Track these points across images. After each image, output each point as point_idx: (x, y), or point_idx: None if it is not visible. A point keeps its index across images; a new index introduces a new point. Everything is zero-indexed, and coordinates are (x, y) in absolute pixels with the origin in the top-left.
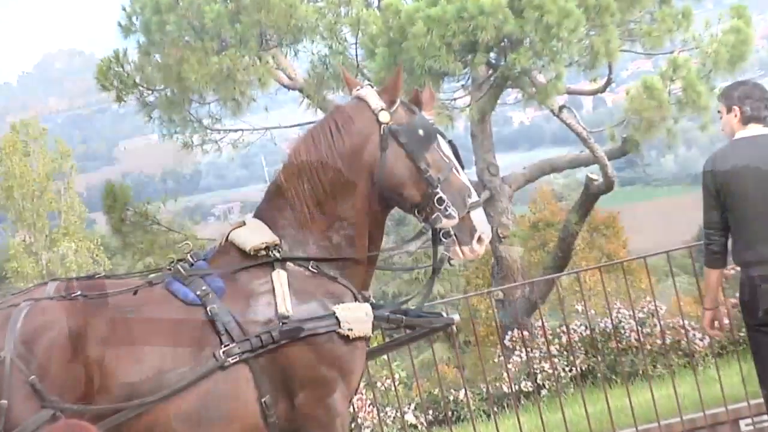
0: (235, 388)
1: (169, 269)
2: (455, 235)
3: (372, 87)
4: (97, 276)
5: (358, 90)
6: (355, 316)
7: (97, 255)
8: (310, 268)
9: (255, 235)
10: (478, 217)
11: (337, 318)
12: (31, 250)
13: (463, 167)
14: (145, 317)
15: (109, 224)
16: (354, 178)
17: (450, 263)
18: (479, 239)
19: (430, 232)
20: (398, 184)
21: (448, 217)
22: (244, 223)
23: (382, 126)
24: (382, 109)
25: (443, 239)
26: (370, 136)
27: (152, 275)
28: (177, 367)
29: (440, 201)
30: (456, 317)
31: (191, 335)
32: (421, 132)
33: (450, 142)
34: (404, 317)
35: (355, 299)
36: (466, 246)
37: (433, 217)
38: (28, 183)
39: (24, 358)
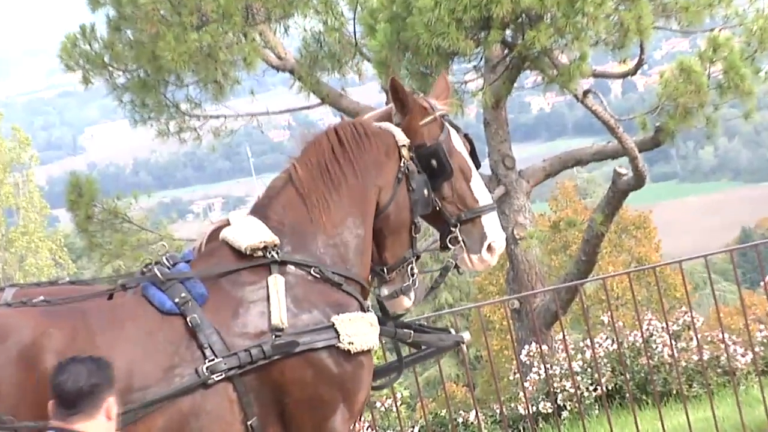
0: (215, 410)
1: (144, 272)
2: (463, 242)
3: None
4: (60, 282)
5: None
6: (357, 328)
7: (60, 257)
8: (312, 272)
9: (252, 233)
10: (490, 222)
11: (336, 330)
12: None
13: (479, 165)
14: (112, 327)
15: (74, 222)
16: (369, 193)
17: (458, 271)
18: (489, 248)
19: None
20: (397, 227)
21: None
22: (228, 222)
23: (403, 161)
24: (404, 145)
25: (450, 245)
26: (390, 159)
27: (124, 280)
28: (147, 386)
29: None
30: (466, 335)
31: (165, 350)
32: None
33: (466, 136)
34: (412, 334)
35: (362, 308)
36: (475, 255)
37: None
38: None
39: None
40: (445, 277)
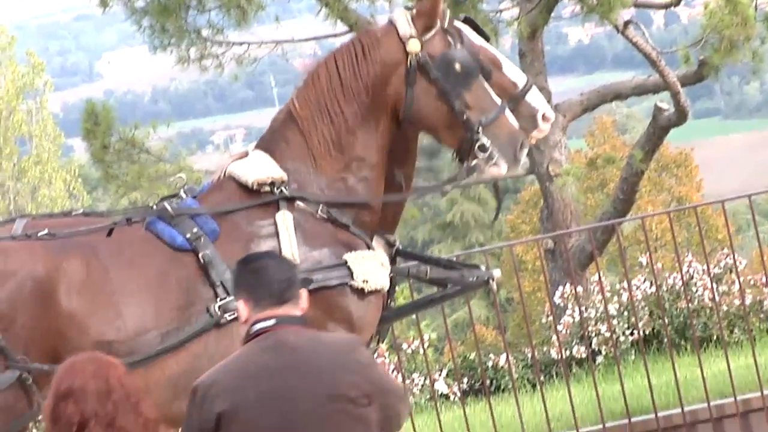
0: (229, 350)
1: (154, 207)
2: (491, 151)
3: (409, 8)
4: (74, 213)
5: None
6: (371, 267)
7: (74, 188)
8: (320, 212)
9: (259, 167)
10: (534, 97)
11: (349, 268)
12: None
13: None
14: (125, 264)
15: (89, 152)
16: (377, 114)
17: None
18: (544, 117)
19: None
20: (429, 126)
21: (493, 165)
22: (246, 154)
23: (410, 57)
24: (411, 37)
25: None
26: (396, 67)
27: (131, 214)
28: (162, 325)
29: (482, 148)
30: (497, 272)
31: (179, 287)
32: (457, 66)
33: (467, 19)
34: (429, 269)
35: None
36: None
37: (473, 163)
38: None
39: None
40: (502, 200)
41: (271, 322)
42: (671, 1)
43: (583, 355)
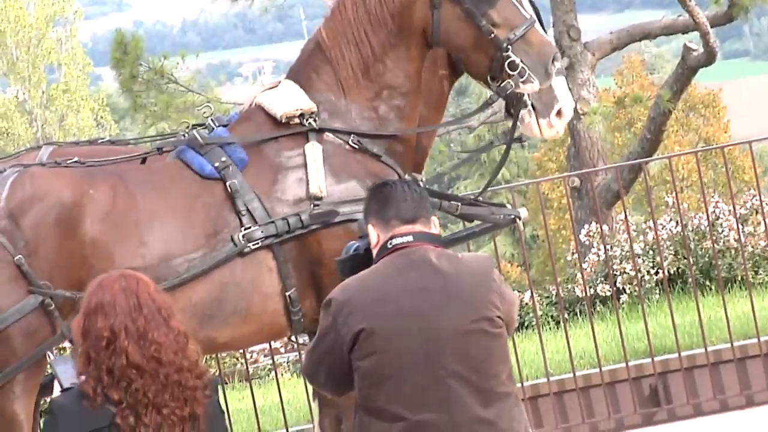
0: (255, 279)
1: (184, 136)
2: (532, 106)
3: None
4: (100, 141)
5: None
6: None
7: (101, 117)
8: (350, 142)
9: (288, 99)
10: (559, 86)
11: None
12: (25, 108)
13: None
14: (152, 191)
15: (118, 81)
16: (405, 40)
17: (522, 142)
18: (559, 113)
19: (503, 104)
20: (458, 47)
21: (525, 82)
22: (278, 85)
23: None
24: None
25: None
26: None
27: (161, 142)
28: (187, 252)
29: (512, 66)
30: (523, 211)
31: (206, 215)
32: None
33: None
34: (459, 205)
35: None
36: (544, 119)
37: (502, 84)
38: (24, 29)
39: (9, 234)
40: (510, 149)
41: (409, 238)
42: None
43: (608, 294)
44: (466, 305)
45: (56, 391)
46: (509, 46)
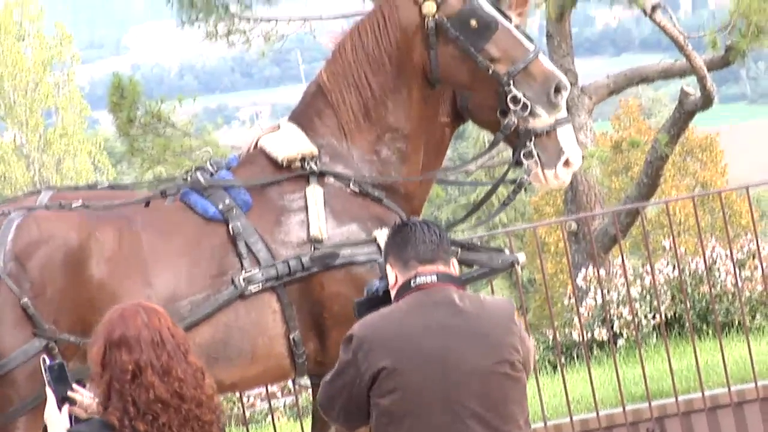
0: (259, 321)
1: (185, 179)
2: (538, 156)
3: None
4: (99, 186)
5: None
6: None
7: (99, 161)
8: (351, 185)
9: (290, 142)
10: (565, 135)
11: (379, 245)
12: (22, 152)
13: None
14: (157, 234)
15: (115, 125)
16: (406, 82)
17: (525, 189)
18: (566, 162)
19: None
20: (461, 85)
21: (532, 116)
22: (278, 128)
23: (426, 19)
24: (425, 0)
25: (524, 159)
26: (415, 32)
27: (164, 185)
28: (192, 294)
29: (515, 100)
30: (521, 256)
31: (210, 257)
32: (473, 22)
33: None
34: (459, 250)
35: None
36: (550, 170)
37: (505, 122)
38: (21, 72)
39: (15, 277)
40: (517, 195)
41: (433, 278)
42: None
43: (605, 338)
44: (488, 347)
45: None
46: (511, 80)
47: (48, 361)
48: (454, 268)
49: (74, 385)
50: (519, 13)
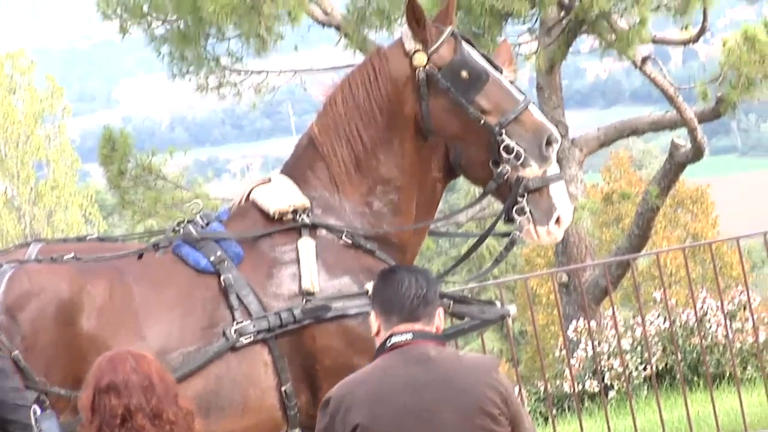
0: (250, 373)
1: (176, 231)
2: (530, 212)
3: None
4: (89, 238)
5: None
6: None
7: (90, 213)
8: (344, 238)
9: (281, 195)
10: (558, 192)
11: (370, 298)
12: (13, 204)
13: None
14: (148, 286)
15: (106, 178)
16: (398, 133)
17: (512, 241)
18: (558, 220)
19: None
20: (453, 136)
21: (524, 165)
22: (269, 180)
23: (417, 71)
24: (416, 51)
25: (516, 216)
26: (406, 83)
27: (156, 238)
28: (185, 346)
29: (508, 149)
30: (512, 309)
31: (202, 309)
32: (464, 73)
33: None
34: (451, 303)
35: None
36: (543, 227)
37: (498, 171)
38: (12, 125)
39: (6, 329)
40: (510, 251)
41: (408, 336)
42: (689, 37)
43: (596, 390)
44: (465, 402)
45: None
46: (502, 130)
47: (39, 412)
48: (440, 318)
49: None
50: (513, 69)
